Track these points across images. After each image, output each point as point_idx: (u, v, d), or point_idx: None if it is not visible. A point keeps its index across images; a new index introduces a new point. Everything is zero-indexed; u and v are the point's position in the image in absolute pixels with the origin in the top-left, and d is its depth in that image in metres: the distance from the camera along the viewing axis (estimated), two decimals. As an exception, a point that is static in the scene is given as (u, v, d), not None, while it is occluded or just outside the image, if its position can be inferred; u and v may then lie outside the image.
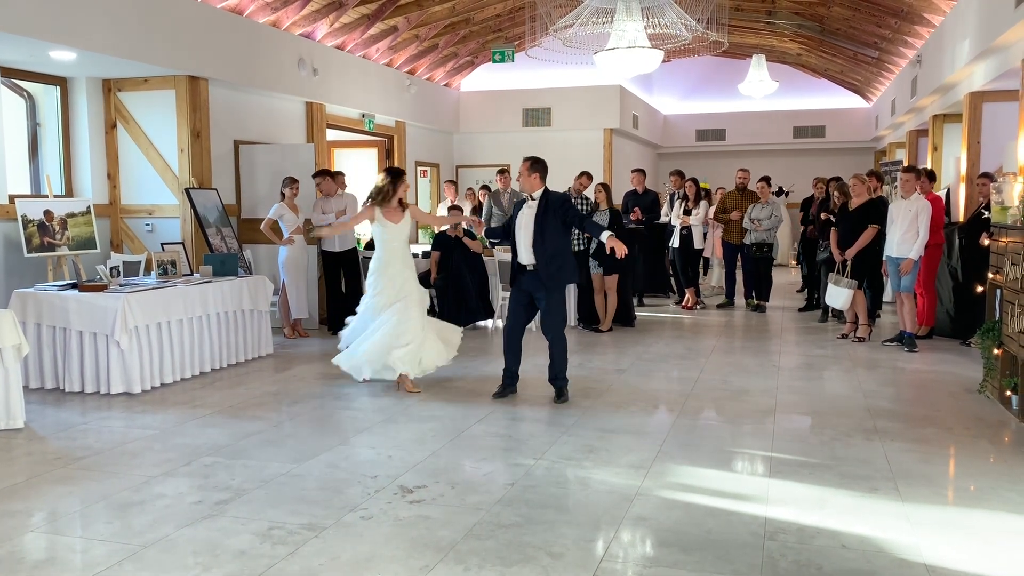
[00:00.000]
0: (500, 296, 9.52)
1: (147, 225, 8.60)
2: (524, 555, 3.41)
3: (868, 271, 8.49)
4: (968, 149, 9.30)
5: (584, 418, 5.56)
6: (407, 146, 13.23)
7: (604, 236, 5.89)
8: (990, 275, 6.30)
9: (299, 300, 8.79)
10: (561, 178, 11.42)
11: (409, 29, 11.44)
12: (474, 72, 14.81)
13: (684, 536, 3.60)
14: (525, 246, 5.98)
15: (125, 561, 3.38)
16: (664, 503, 4.00)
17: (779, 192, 16.84)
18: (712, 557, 3.39)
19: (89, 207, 7.75)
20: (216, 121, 8.83)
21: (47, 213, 7.31)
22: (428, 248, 10.37)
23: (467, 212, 11.51)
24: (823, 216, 9.71)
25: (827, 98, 17.64)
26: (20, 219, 7.09)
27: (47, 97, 8.21)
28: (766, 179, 10.72)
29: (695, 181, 10.98)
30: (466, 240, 9.53)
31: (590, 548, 3.48)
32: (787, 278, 14.56)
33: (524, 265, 6.02)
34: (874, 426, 5.32)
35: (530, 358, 7.25)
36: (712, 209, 11.19)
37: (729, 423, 5.50)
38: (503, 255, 9.40)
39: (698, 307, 10.96)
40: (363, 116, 11.76)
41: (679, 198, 10.89)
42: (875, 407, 5.81)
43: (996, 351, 5.89)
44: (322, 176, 8.93)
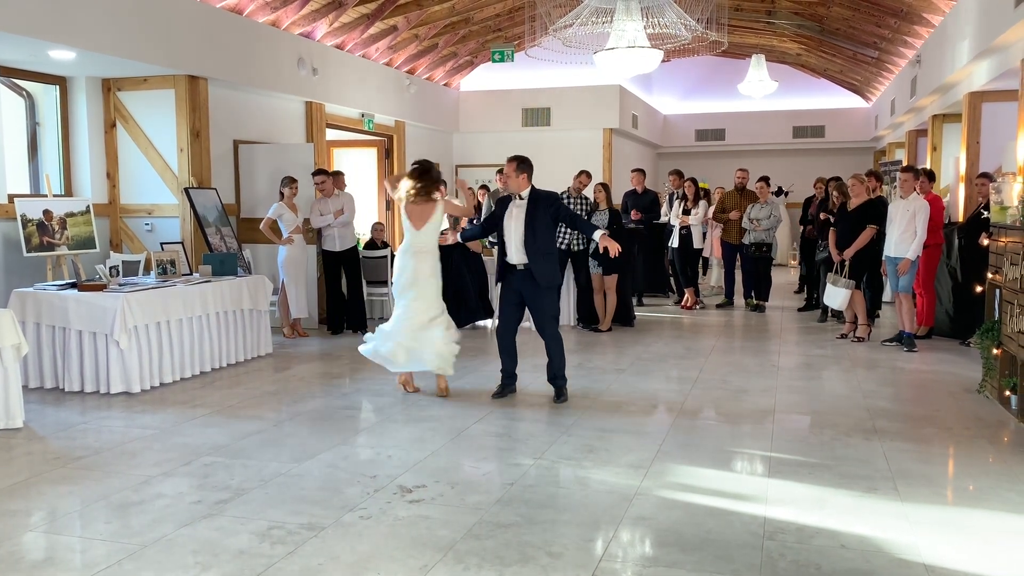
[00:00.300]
0: (499, 295, 9.51)
1: (146, 225, 8.60)
2: (523, 555, 3.41)
3: (866, 271, 8.49)
4: (967, 149, 9.30)
5: (583, 418, 5.56)
6: (406, 146, 13.23)
7: (596, 235, 5.89)
8: (989, 275, 6.30)
9: (298, 300, 8.79)
10: (560, 178, 11.43)
11: (409, 29, 11.44)
12: (474, 72, 14.81)
13: (683, 536, 3.60)
14: (516, 246, 5.95)
15: (124, 561, 3.38)
16: (663, 503, 4.00)
17: (779, 192, 16.84)
18: (711, 557, 3.39)
19: (88, 207, 7.75)
20: (215, 121, 8.82)
21: (46, 212, 7.31)
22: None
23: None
24: (822, 216, 9.71)
25: (827, 98, 17.64)
26: (19, 218, 7.08)
27: (46, 96, 8.20)
28: (765, 179, 10.72)
29: (694, 181, 10.98)
30: (465, 240, 9.52)
31: (589, 548, 3.48)
32: (786, 278, 14.56)
33: (514, 265, 6.00)
34: (873, 426, 5.32)
35: (529, 358, 7.25)
36: (711, 209, 11.19)
37: (728, 423, 5.50)
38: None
39: (697, 307, 10.96)
40: (362, 116, 11.76)
41: (678, 198, 10.90)
42: (874, 407, 5.81)
43: (995, 351, 5.89)
44: (324, 175, 8.93)
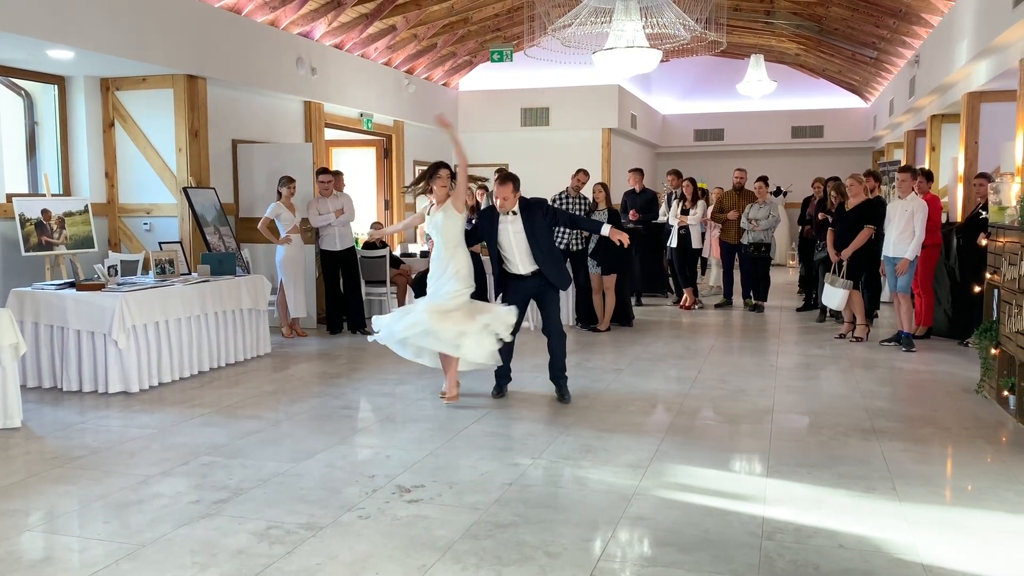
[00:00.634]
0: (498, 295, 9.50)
1: (145, 224, 8.60)
2: (521, 555, 3.41)
3: (865, 271, 8.50)
4: (966, 149, 9.31)
5: (582, 418, 5.56)
6: (405, 145, 13.23)
7: (605, 230, 5.97)
8: (988, 275, 6.31)
9: (297, 299, 8.78)
10: (559, 177, 11.44)
11: (407, 28, 11.44)
12: (473, 71, 14.81)
13: (681, 536, 3.60)
14: (521, 258, 5.96)
15: (123, 560, 3.38)
16: (662, 503, 4.00)
17: (777, 192, 16.85)
18: (709, 557, 3.39)
19: (87, 206, 7.75)
20: (214, 120, 8.82)
21: (45, 212, 7.31)
22: (426, 248, 10.37)
23: (464, 212, 11.48)
24: (820, 216, 9.72)
25: (825, 98, 17.64)
26: (18, 218, 7.08)
27: (45, 96, 8.20)
28: (763, 179, 10.73)
29: (693, 181, 10.99)
30: (464, 240, 9.52)
31: (587, 548, 3.48)
32: (785, 278, 14.57)
33: (520, 274, 5.99)
34: (872, 426, 5.33)
35: (528, 358, 7.25)
36: (710, 209, 11.20)
37: (727, 423, 5.50)
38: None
39: (696, 307, 10.97)
40: (361, 115, 11.75)
41: (677, 198, 10.90)
42: (873, 407, 5.81)
43: (993, 351, 5.89)
44: (329, 175, 8.95)
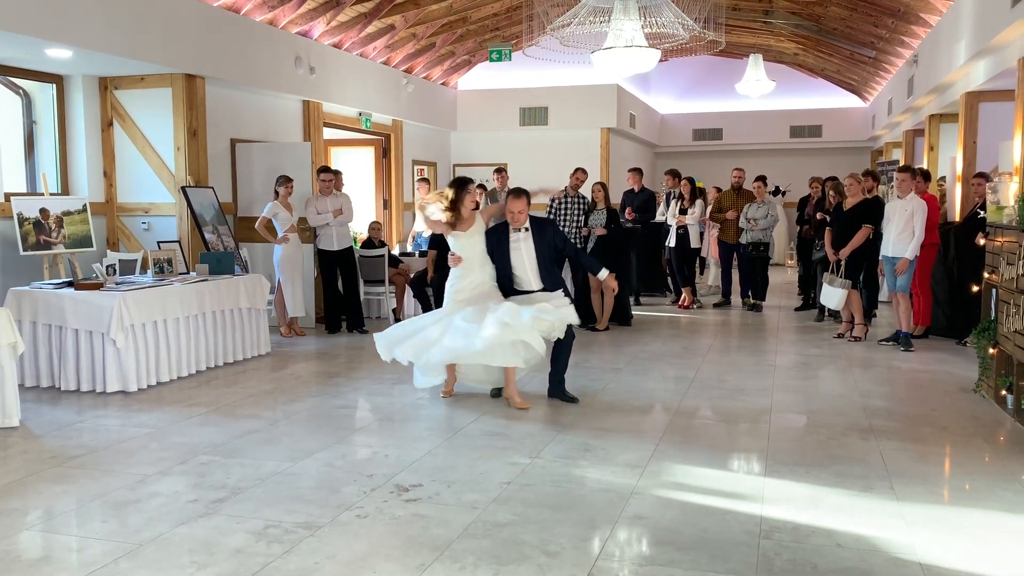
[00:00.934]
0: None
1: (143, 223, 8.59)
2: (520, 554, 3.41)
3: (863, 271, 8.50)
4: (964, 149, 9.31)
5: (580, 417, 5.56)
6: (404, 145, 13.23)
7: (603, 275, 6.06)
8: (986, 275, 6.31)
9: (295, 299, 8.78)
10: (558, 177, 11.44)
11: (406, 28, 11.43)
12: (471, 71, 14.80)
13: (680, 535, 3.60)
14: (532, 275, 5.91)
15: (121, 559, 3.37)
16: (660, 502, 4.00)
17: (776, 192, 16.85)
18: (708, 556, 3.39)
19: (85, 205, 7.74)
20: (213, 119, 8.81)
21: (43, 211, 7.30)
22: (425, 248, 10.37)
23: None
24: (818, 216, 9.72)
25: (824, 98, 17.65)
26: (16, 217, 7.08)
27: (43, 95, 8.19)
28: (762, 178, 10.73)
29: (691, 180, 10.99)
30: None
31: (586, 547, 3.48)
32: (783, 277, 14.58)
33: (529, 291, 5.94)
34: (870, 425, 5.33)
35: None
36: (709, 209, 11.20)
37: (725, 422, 5.50)
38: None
39: (694, 306, 10.97)
40: (360, 115, 11.75)
41: (675, 198, 10.91)
42: (871, 406, 5.82)
43: (991, 350, 5.90)
44: (330, 173, 8.96)
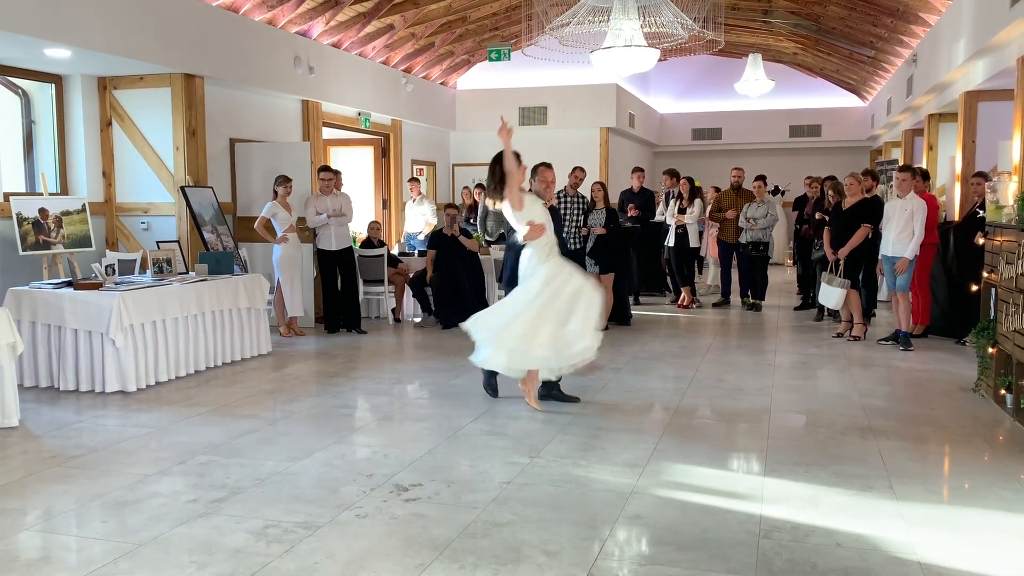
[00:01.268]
0: (496, 295, 9.52)
1: (142, 223, 8.59)
2: (519, 554, 3.41)
3: (862, 270, 8.50)
4: (963, 148, 9.31)
5: (580, 417, 5.56)
6: (403, 144, 13.23)
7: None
8: (985, 274, 6.31)
9: (294, 298, 8.77)
10: (557, 176, 11.40)
11: (405, 27, 11.43)
12: (470, 70, 14.80)
13: (679, 534, 3.60)
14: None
15: (120, 559, 3.37)
16: (659, 501, 4.00)
17: (775, 191, 16.85)
18: (707, 555, 3.39)
19: (84, 205, 7.74)
20: (212, 119, 8.81)
21: (42, 211, 7.30)
22: (424, 247, 10.38)
23: (463, 212, 11.52)
24: (817, 216, 9.72)
25: (823, 97, 17.65)
26: (15, 217, 7.07)
27: (42, 95, 8.18)
28: (762, 178, 10.74)
29: (690, 180, 11.00)
30: (462, 239, 9.54)
31: (585, 547, 3.48)
32: (783, 277, 14.58)
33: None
34: (869, 424, 5.33)
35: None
36: (708, 208, 11.21)
37: (724, 422, 5.50)
38: (499, 253, 9.40)
39: (694, 306, 10.97)
40: (359, 114, 11.75)
41: (674, 197, 10.91)
42: (870, 406, 5.82)
43: (991, 350, 5.90)
44: (330, 173, 8.96)
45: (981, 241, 6.67)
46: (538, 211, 5.63)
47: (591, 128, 14.68)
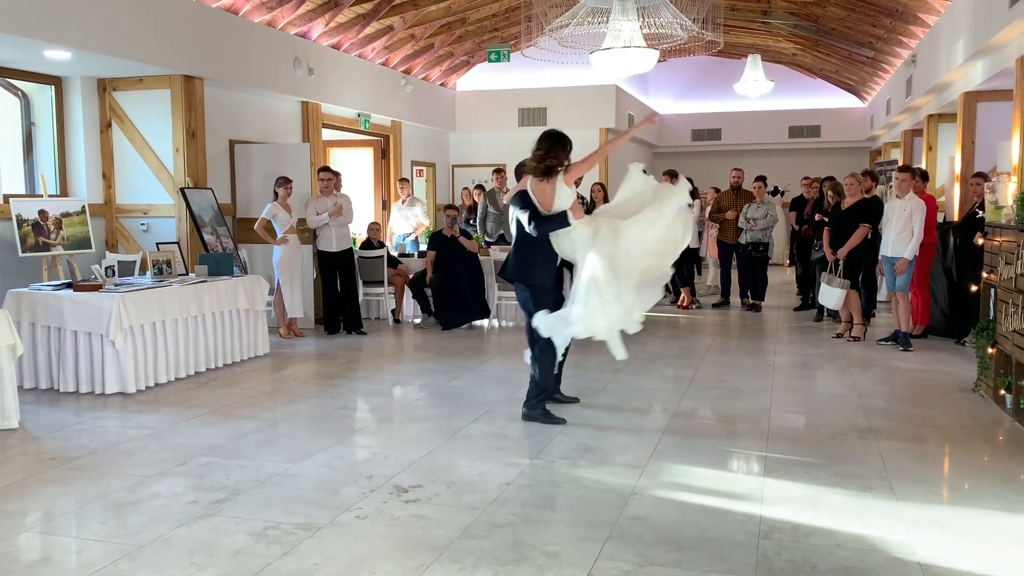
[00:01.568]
0: (496, 296, 9.52)
1: (142, 225, 8.59)
2: (519, 554, 3.41)
3: (861, 270, 8.50)
4: (963, 149, 9.32)
5: (579, 417, 5.56)
6: (403, 145, 13.23)
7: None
8: (984, 274, 6.32)
9: (294, 300, 8.77)
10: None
11: (405, 29, 11.43)
12: (470, 72, 14.81)
13: (679, 535, 3.60)
14: None
15: (120, 561, 3.37)
16: (659, 502, 4.01)
17: (775, 192, 16.86)
18: (707, 556, 3.39)
19: (84, 207, 7.74)
20: (211, 121, 8.81)
21: (42, 213, 7.30)
22: (424, 248, 10.38)
23: (463, 213, 11.50)
24: (816, 217, 9.73)
25: (822, 98, 17.66)
26: (15, 219, 7.07)
27: (41, 96, 8.19)
28: (762, 178, 10.74)
29: (689, 181, 10.98)
30: (462, 240, 9.54)
31: (585, 547, 3.48)
32: (782, 277, 14.58)
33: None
34: (869, 425, 5.33)
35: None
36: (708, 209, 11.21)
37: (724, 422, 5.51)
38: (499, 254, 9.41)
39: (693, 306, 10.97)
40: (359, 116, 11.75)
41: (674, 198, 10.90)
42: (870, 406, 5.82)
43: (990, 350, 5.90)
44: (329, 173, 8.96)
45: (980, 241, 6.67)
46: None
47: (591, 129, 14.67)
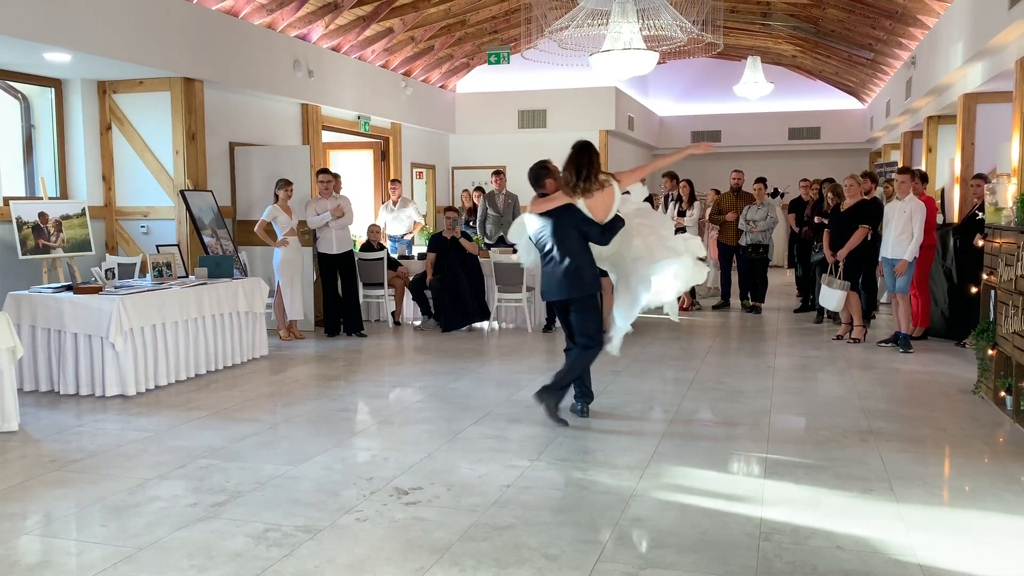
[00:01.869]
0: (496, 298, 9.52)
1: (142, 227, 8.59)
2: (520, 557, 3.41)
3: (861, 272, 8.50)
4: (962, 150, 9.32)
5: (580, 419, 5.56)
6: (403, 148, 13.23)
7: None
8: (984, 276, 6.32)
9: (294, 302, 8.77)
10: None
11: (405, 31, 11.44)
12: (470, 74, 14.82)
13: (680, 537, 3.60)
14: None
15: (120, 563, 3.37)
16: (660, 504, 4.00)
17: (775, 193, 16.86)
18: (707, 558, 3.39)
19: (84, 209, 7.74)
20: (211, 123, 8.82)
21: (42, 215, 7.30)
22: (424, 250, 10.38)
23: (462, 215, 11.49)
24: (816, 219, 9.73)
25: (822, 100, 17.67)
26: (15, 221, 7.07)
27: (41, 99, 8.19)
28: (762, 180, 10.74)
29: (689, 182, 11.00)
30: (463, 241, 9.53)
31: (586, 549, 3.48)
32: (782, 279, 14.58)
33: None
34: (869, 427, 5.33)
35: (526, 359, 7.26)
36: (707, 211, 11.21)
37: (724, 424, 5.50)
38: (499, 257, 9.41)
39: (694, 308, 10.97)
40: (359, 118, 11.75)
41: (673, 200, 10.92)
42: (870, 408, 5.82)
43: (990, 352, 5.90)
44: (329, 175, 8.97)
45: (980, 243, 6.68)
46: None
47: (590, 131, 14.64)
